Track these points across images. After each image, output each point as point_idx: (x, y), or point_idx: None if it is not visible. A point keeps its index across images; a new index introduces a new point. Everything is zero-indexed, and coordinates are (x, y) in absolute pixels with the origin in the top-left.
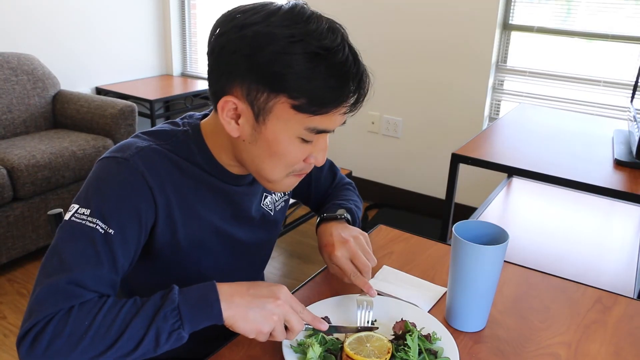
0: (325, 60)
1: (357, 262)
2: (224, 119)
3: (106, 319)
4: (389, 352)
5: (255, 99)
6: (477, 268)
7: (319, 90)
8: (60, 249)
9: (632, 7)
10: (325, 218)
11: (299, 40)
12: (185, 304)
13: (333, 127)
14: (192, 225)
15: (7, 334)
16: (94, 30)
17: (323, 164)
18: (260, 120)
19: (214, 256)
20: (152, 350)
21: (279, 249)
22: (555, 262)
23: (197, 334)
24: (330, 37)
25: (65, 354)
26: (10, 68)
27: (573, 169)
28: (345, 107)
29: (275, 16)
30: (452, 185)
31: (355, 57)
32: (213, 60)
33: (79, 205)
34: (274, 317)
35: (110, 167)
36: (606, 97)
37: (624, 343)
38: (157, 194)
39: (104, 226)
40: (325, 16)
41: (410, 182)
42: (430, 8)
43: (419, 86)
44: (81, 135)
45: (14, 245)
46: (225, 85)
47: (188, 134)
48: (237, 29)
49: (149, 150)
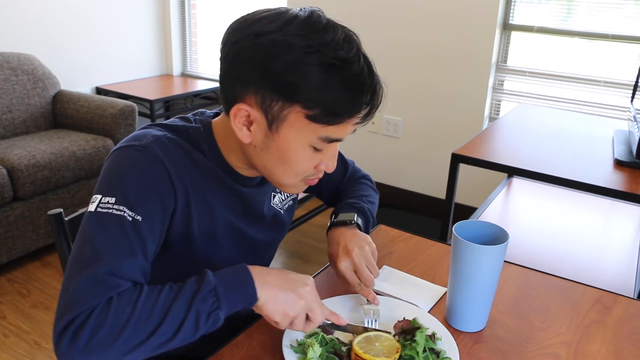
0: (340, 72)
1: (360, 275)
2: (236, 126)
3: (146, 306)
4: (398, 352)
5: (269, 107)
6: (477, 268)
7: (334, 102)
8: (91, 239)
9: (632, 7)
10: (335, 223)
11: (315, 50)
12: (222, 285)
13: (344, 136)
14: (205, 217)
15: (7, 334)
16: (94, 30)
17: (332, 170)
18: (274, 129)
19: (225, 251)
20: (191, 335)
21: (279, 249)
22: (555, 262)
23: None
24: (346, 48)
25: (108, 344)
26: (10, 68)
27: (573, 169)
28: (358, 117)
29: (292, 25)
30: (452, 185)
31: (370, 69)
32: (227, 67)
33: (102, 195)
34: (301, 302)
35: (129, 155)
36: (606, 97)
37: (624, 343)
38: (176, 181)
39: (131, 213)
40: (340, 24)
41: (410, 182)
42: (431, 8)
43: (419, 86)
44: (81, 135)
45: (14, 245)
46: (239, 92)
47: (200, 131)
48: (253, 37)
49: (165, 139)
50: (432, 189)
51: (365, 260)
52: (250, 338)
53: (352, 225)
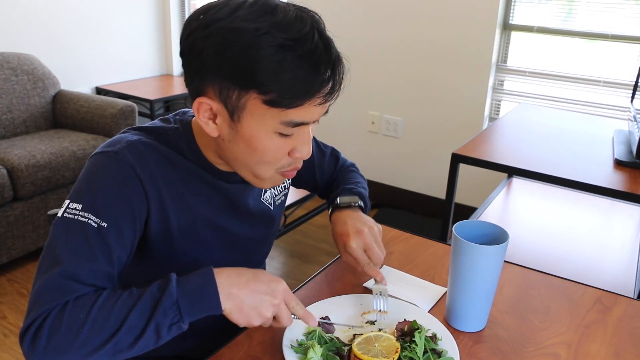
0: (292, 51)
1: (370, 254)
2: (201, 120)
3: (102, 312)
4: (397, 352)
5: (227, 97)
6: (477, 268)
7: (289, 83)
8: (54, 245)
9: (632, 7)
10: (340, 205)
11: (264, 33)
12: (184, 296)
13: (312, 119)
14: (184, 217)
15: (7, 333)
16: (94, 30)
17: (310, 155)
18: (236, 119)
19: (209, 250)
20: (154, 343)
21: (279, 249)
22: (555, 262)
23: (200, 332)
24: (297, 27)
25: (65, 348)
26: (10, 68)
27: (573, 169)
28: (320, 97)
29: (240, 10)
30: (452, 185)
31: (327, 44)
32: (185, 61)
33: (71, 201)
34: (267, 315)
35: (100, 161)
36: (606, 97)
37: (624, 343)
38: (147, 185)
39: (96, 220)
40: (294, 5)
41: (410, 182)
42: (431, 8)
43: (419, 86)
44: (81, 135)
45: (14, 245)
46: (199, 86)
47: (179, 131)
48: (202, 28)
49: (139, 144)
50: (432, 189)
51: (374, 239)
52: (250, 338)
53: (356, 208)
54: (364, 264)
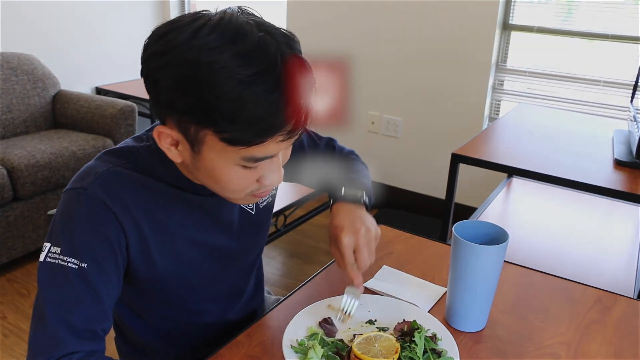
0: (250, 88)
1: (358, 256)
2: (162, 147)
3: None
4: (397, 352)
5: (185, 130)
6: (477, 268)
7: (245, 124)
8: (44, 289)
9: (632, 7)
10: (345, 198)
11: (221, 67)
12: None
13: (275, 152)
14: (164, 241)
15: (7, 334)
16: (94, 30)
17: (279, 183)
18: (196, 150)
19: (194, 268)
20: None
21: (279, 249)
22: (555, 262)
23: (199, 337)
24: (258, 57)
25: None
26: (10, 68)
27: (573, 169)
28: (282, 135)
29: (199, 35)
30: (452, 185)
31: (292, 74)
32: (145, 86)
33: (51, 244)
34: None
35: (71, 200)
36: (606, 97)
37: (624, 343)
38: (122, 217)
39: (76, 262)
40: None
41: (410, 182)
42: (430, 8)
43: (419, 86)
44: (81, 135)
45: (14, 245)
46: (158, 114)
47: (151, 149)
48: (159, 55)
49: (107, 175)
50: (432, 189)
51: (367, 242)
52: (250, 338)
53: (361, 204)
54: (349, 263)
